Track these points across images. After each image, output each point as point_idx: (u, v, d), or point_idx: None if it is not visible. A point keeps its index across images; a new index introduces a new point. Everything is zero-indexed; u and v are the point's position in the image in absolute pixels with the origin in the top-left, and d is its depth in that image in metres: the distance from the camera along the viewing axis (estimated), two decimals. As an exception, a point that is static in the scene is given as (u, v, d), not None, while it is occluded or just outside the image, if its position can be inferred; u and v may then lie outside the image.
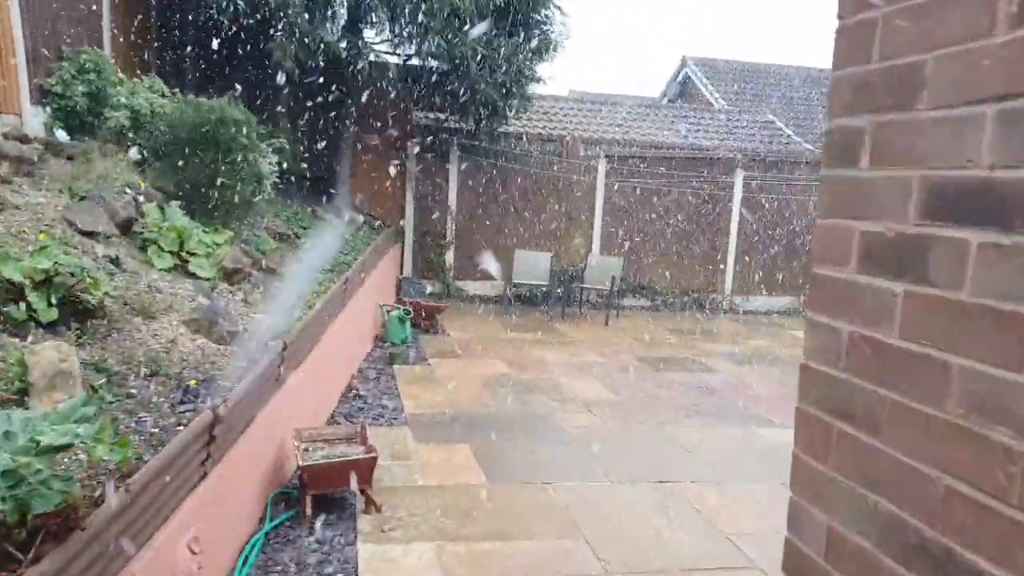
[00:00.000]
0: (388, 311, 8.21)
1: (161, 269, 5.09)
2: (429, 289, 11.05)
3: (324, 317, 5.39)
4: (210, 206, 6.23)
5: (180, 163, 6.13)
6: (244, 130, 6.34)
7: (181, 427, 3.19)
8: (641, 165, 11.58)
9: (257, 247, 6.71)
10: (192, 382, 3.72)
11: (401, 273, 11.00)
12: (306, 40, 7.98)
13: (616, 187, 11.57)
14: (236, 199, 6.38)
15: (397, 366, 7.08)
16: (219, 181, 6.19)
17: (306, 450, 4.13)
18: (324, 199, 9.95)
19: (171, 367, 3.83)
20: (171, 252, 5.29)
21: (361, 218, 10.01)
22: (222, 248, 5.99)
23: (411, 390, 6.30)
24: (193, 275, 5.30)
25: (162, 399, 3.53)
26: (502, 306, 10.45)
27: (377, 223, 10.39)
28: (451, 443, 5.07)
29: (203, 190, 6.20)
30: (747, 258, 12.01)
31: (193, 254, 5.44)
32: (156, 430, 3.23)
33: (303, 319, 4.91)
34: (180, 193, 6.15)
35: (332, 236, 8.38)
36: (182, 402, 3.54)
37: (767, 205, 11.95)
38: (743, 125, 14.78)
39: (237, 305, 5.29)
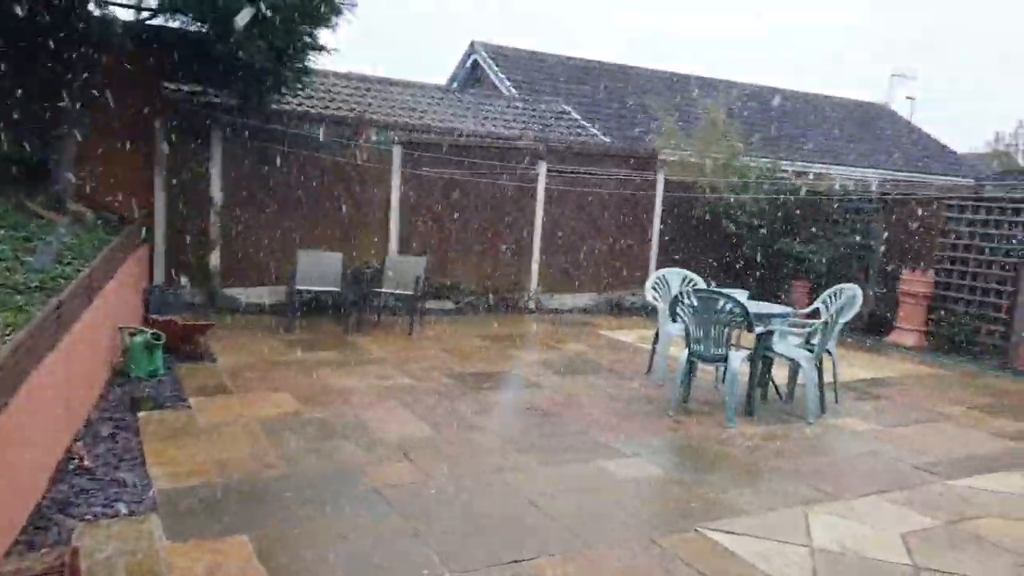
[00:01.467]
0: (131, 335, 6.37)
1: None
2: (189, 299, 9.14)
3: (17, 364, 3.66)
4: None
5: None
6: None
7: None
8: (440, 154, 10.48)
9: (-82, 259, 4.68)
10: None
11: (151, 282, 8.96)
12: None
13: (413, 178, 10.37)
14: None
15: (144, 413, 5.36)
16: None
17: (-31, 604, 2.53)
18: (41, 190, 7.70)
19: None
20: None
21: (92, 214, 7.89)
22: None
23: (163, 451, 4.67)
24: None
25: None
26: (285, 318, 8.83)
27: (115, 220, 8.29)
28: (222, 537, 3.61)
29: None
30: (552, 254, 11.40)
31: None
32: None
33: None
34: None
35: (48, 238, 6.34)
36: None
37: (570, 198, 11.41)
38: (540, 115, 14.26)
39: None
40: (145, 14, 8.17)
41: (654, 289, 7.46)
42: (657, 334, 7.26)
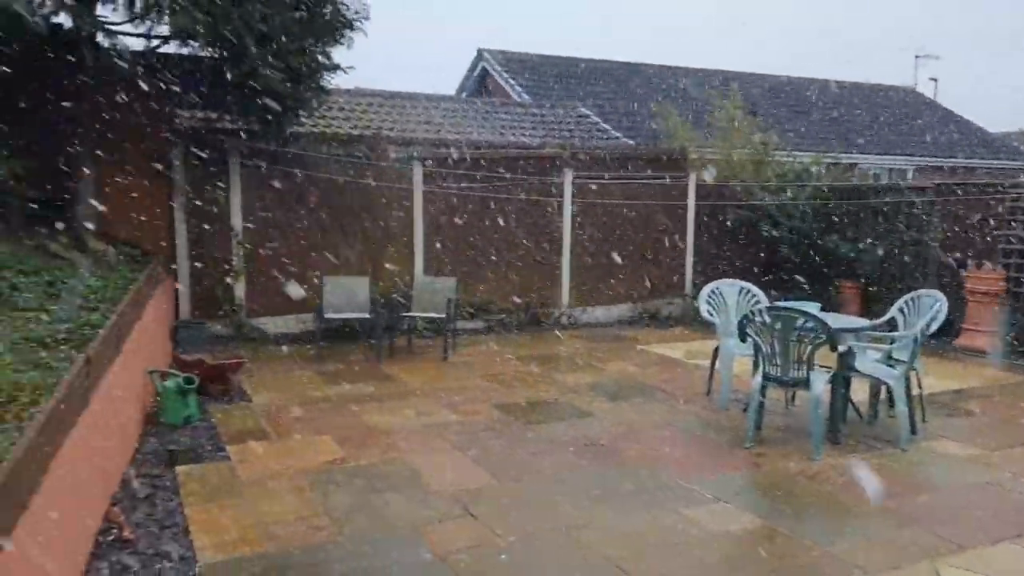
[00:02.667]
0: (163, 378, 6.01)
1: None
2: (216, 332, 8.78)
3: (52, 433, 3.28)
4: None
5: None
6: None
7: None
8: (462, 168, 10.08)
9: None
10: None
11: (177, 317, 8.61)
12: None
13: (435, 194, 9.98)
14: None
15: (182, 468, 4.98)
16: None
17: None
18: (59, 228, 7.36)
19: None
20: None
21: (113, 251, 7.54)
22: None
23: (206, 515, 4.28)
24: None
25: None
26: (314, 347, 8.45)
27: (137, 254, 7.95)
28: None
29: None
30: (582, 265, 10.97)
31: None
32: None
33: (11, 453, 2.81)
34: None
35: (71, 282, 5.97)
36: None
37: (598, 206, 10.98)
38: (559, 120, 13.84)
39: None
40: (156, 42, 7.83)
41: (709, 303, 7.01)
42: (716, 351, 6.81)
